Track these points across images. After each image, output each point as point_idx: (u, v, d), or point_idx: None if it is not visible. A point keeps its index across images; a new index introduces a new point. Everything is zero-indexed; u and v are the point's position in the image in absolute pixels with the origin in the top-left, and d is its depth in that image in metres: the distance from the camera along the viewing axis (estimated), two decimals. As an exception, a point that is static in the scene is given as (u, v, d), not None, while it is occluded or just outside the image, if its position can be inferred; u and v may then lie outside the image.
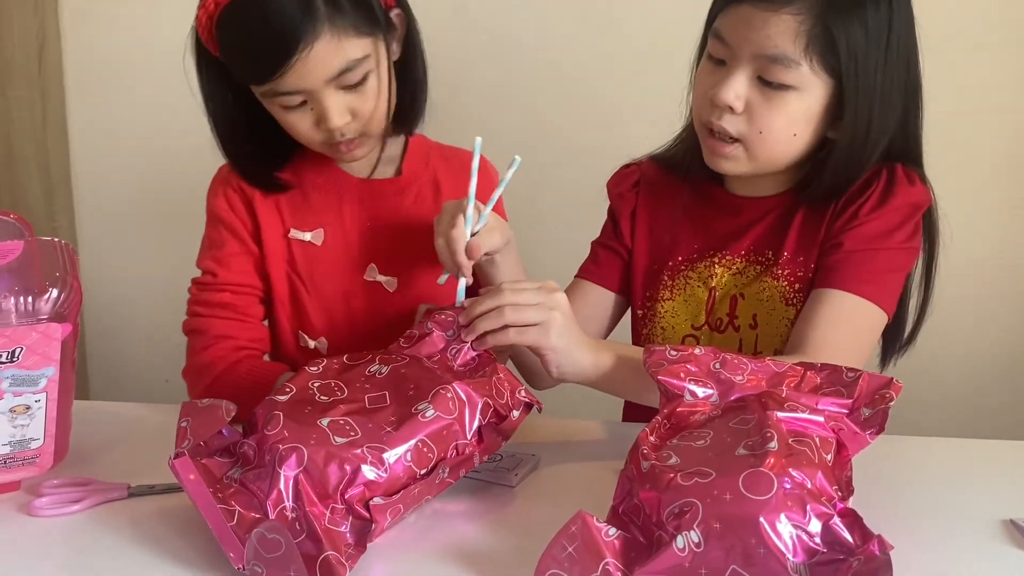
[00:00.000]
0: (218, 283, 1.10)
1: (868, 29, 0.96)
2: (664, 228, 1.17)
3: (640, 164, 1.21)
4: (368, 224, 1.13)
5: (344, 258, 1.12)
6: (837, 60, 0.96)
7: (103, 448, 0.99)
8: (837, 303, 1.00)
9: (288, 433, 0.78)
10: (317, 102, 1.01)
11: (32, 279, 0.87)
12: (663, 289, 1.15)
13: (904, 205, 1.03)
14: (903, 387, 0.80)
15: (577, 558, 0.69)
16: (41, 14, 1.80)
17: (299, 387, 0.86)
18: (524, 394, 0.89)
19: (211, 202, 1.15)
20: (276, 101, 1.02)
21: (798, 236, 1.07)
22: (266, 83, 0.99)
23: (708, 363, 0.86)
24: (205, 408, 0.83)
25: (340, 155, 1.07)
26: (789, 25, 0.95)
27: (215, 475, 0.79)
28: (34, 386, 0.87)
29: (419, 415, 0.81)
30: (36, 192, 1.82)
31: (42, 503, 0.85)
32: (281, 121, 1.05)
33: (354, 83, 1.01)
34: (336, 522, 0.75)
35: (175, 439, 0.81)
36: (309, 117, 1.02)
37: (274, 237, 1.13)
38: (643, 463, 0.76)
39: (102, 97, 1.89)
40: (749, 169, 1.04)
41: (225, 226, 1.12)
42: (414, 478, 0.79)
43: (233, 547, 0.73)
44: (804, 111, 0.99)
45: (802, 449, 0.73)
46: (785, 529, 0.67)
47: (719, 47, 1.01)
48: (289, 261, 1.13)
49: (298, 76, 0.98)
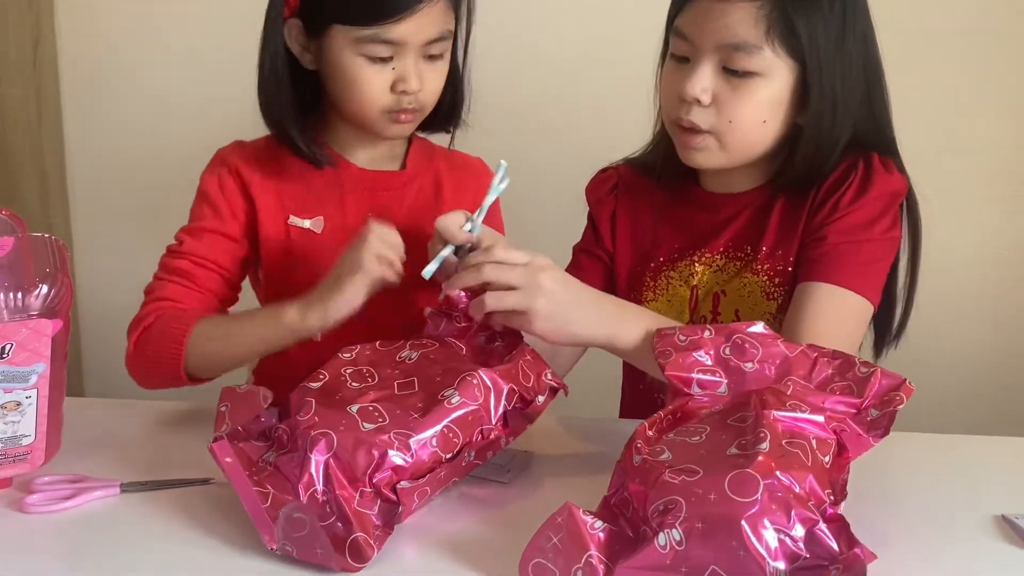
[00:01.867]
0: (182, 250, 1.10)
1: (823, 8, 0.99)
2: (644, 229, 1.17)
3: (617, 168, 1.22)
4: (369, 215, 1.12)
5: (343, 247, 1.12)
6: (799, 41, 0.98)
7: (95, 445, 0.98)
8: (824, 296, 1.01)
9: (319, 419, 0.81)
10: (404, 61, 1.04)
11: (22, 275, 0.87)
12: (646, 290, 1.15)
13: (883, 195, 1.04)
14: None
15: (561, 549, 0.70)
16: (36, 10, 1.79)
17: (332, 374, 0.88)
18: (551, 377, 0.90)
19: (203, 179, 1.15)
20: (368, 50, 1.03)
21: (776, 230, 1.08)
22: (383, 22, 1.01)
23: (718, 347, 0.85)
24: (244, 393, 0.86)
25: (391, 127, 1.09)
26: (748, 12, 0.97)
27: (251, 458, 0.83)
28: (25, 382, 0.86)
29: (445, 401, 0.83)
30: (31, 189, 1.82)
31: (34, 500, 0.85)
32: (353, 76, 1.05)
33: (436, 54, 1.07)
34: (365, 505, 0.78)
35: (215, 423, 0.84)
36: (388, 76, 1.05)
37: (273, 222, 1.13)
38: (635, 456, 0.76)
39: (97, 94, 1.89)
40: (723, 161, 1.05)
41: (209, 204, 1.13)
42: (440, 462, 0.82)
43: (266, 528, 0.76)
44: (771, 97, 1.01)
45: (795, 451, 0.72)
46: (767, 533, 0.66)
47: (681, 44, 1.03)
48: (287, 247, 1.13)
49: (412, 27, 1.02)
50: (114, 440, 1.01)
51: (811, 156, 1.03)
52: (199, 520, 0.82)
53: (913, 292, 1.11)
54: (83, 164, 1.88)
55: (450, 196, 1.20)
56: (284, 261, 1.14)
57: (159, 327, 1.06)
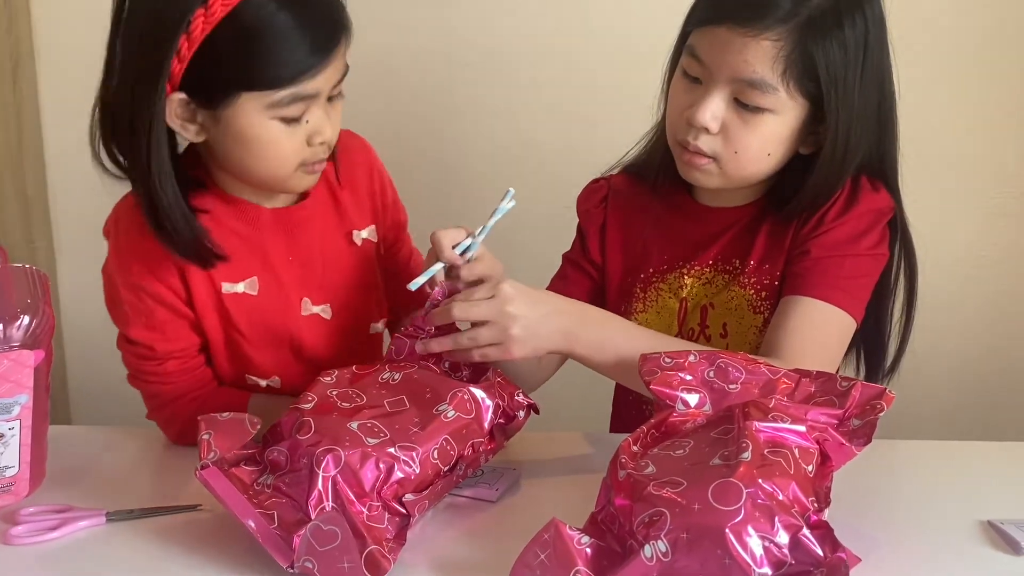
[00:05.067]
0: (158, 355, 1.04)
1: (847, 49, 0.97)
2: (635, 239, 1.17)
3: (609, 179, 1.22)
4: (290, 258, 1.07)
5: (281, 300, 1.07)
6: (813, 84, 0.97)
7: (80, 474, 0.98)
8: (807, 310, 1.01)
9: (322, 437, 0.82)
10: (315, 113, 0.96)
11: (4, 306, 0.87)
12: (636, 301, 1.15)
13: (869, 211, 1.04)
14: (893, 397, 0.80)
15: (549, 565, 0.70)
16: (15, 33, 1.78)
17: (319, 396, 0.89)
18: (522, 397, 0.94)
19: (120, 264, 1.03)
20: (283, 112, 0.94)
21: (764, 244, 1.08)
22: (300, 81, 0.93)
23: (702, 371, 0.86)
24: (227, 421, 0.86)
25: (305, 179, 1.02)
26: (767, 51, 0.96)
27: (245, 483, 0.82)
28: (7, 413, 0.86)
29: (441, 415, 0.86)
30: (13, 214, 1.81)
31: (19, 531, 0.84)
32: (267, 141, 0.96)
33: (337, 93, 0.99)
34: (374, 519, 0.79)
35: (200, 452, 0.82)
36: (302, 132, 0.97)
37: (205, 296, 1.04)
38: (620, 472, 0.77)
39: (79, 117, 1.88)
40: (720, 184, 1.06)
41: (148, 294, 1.02)
42: (439, 475, 0.85)
43: (279, 548, 0.75)
44: (779, 132, 1.01)
45: (777, 460, 0.73)
46: (751, 540, 0.67)
47: (695, 65, 1.02)
48: (224, 316, 1.05)
49: (325, 77, 0.94)
50: (99, 469, 1.00)
51: (820, 188, 1.04)
52: (188, 547, 0.81)
53: (908, 331, 1.12)
54: (66, 188, 1.86)
55: (347, 197, 1.12)
56: (223, 329, 1.06)
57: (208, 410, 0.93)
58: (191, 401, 1.05)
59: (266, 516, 0.78)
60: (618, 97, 1.63)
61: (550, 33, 1.70)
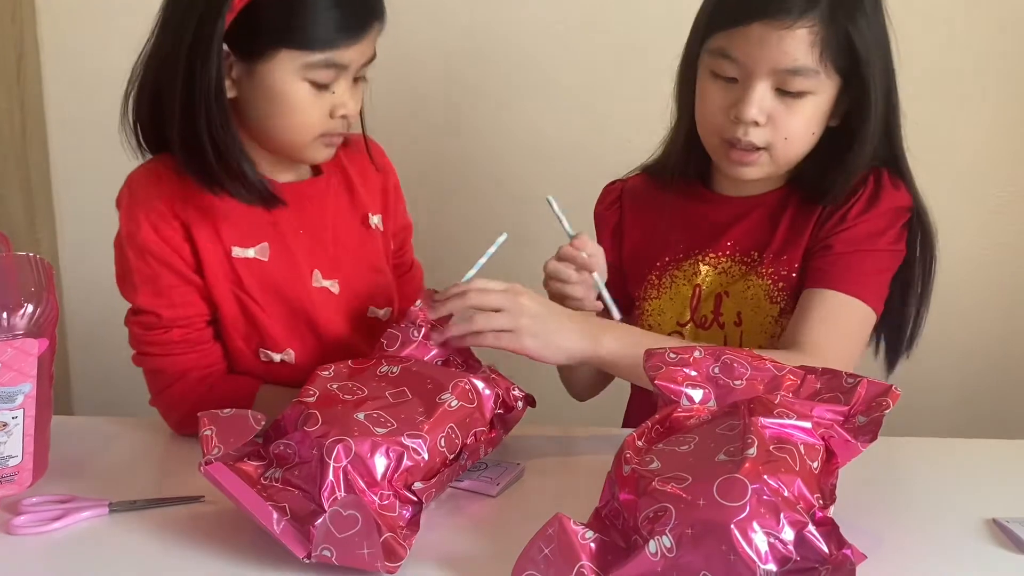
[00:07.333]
0: (164, 322, 1.04)
1: (869, 22, 1.02)
2: (653, 233, 1.19)
3: (625, 181, 1.25)
4: (300, 230, 1.10)
5: (292, 268, 1.08)
6: (846, 59, 1.01)
7: (83, 464, 0.98)
8: (829, 303, 1.04)
9: (331, 428, 0.82)
10: (341, 86, 1.02)
11: (7, 295, 0.86)
12: (650, 288, 1.17)
13: (890, 210, 1.08)
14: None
15: (553, 560, 0.70)
16: (19, 24, 1.78)
17: (320, 389, 0.89)
18: (518, 391, 0.96)
19: (130, 229, 1.04)
20: (315, 75, 0.99)
21: (784, 235, 1.10)
22: (338, 46, 0.98)
23: (707, 367, 0.86)
24: (229, 417, 0.85)
25: (322, 151, 1.06)
26: (804, 39, 0.99)
27: (252, 477, 0.82)
28: (11, 403, 0.86)
29: (444, 404, 0.87)
30: (17, 205, 1.81)
31: (22, 521, 0.84)
32: (294, 103, 1.00)
33: (363, 75, 1.05)
34: (387, 507, 0.80)
35: (201, 448, 0.81)
36: (326, 102, 1.02)
37: (215, 261, 1.05)
38: (624, 467, 0.77)
39: (83, 108, 1.88)
40: (769, 172, 1.09)
41: (155, 257, 1.03)
42: (445, 463, 0.86)
43: (294, 539, 0.75)
44: (820, 110, 1.05)
45: (782, 456, 0.73)
46: (756, 536, 0.67)
47: (728, 66, 1.04)
48: (235, 281, 1.06)
49: (359, 50, 1.00)
50: (102, 459, 1.00)
51: (853, 164, 1.06)
52: (191, 538, 0.81)
53: (924, 309, 1.14)
54: (69, 179, 1.87)
55: (359, 185, 1.16)
56: (235, 296, 1.06)
57: (215, 404, 0.92)
58: (197, 382, 1.05)
59: (279, 508, 0.78)
60: (636, 97, 1.63)
61: (569, 31, 1.70)
